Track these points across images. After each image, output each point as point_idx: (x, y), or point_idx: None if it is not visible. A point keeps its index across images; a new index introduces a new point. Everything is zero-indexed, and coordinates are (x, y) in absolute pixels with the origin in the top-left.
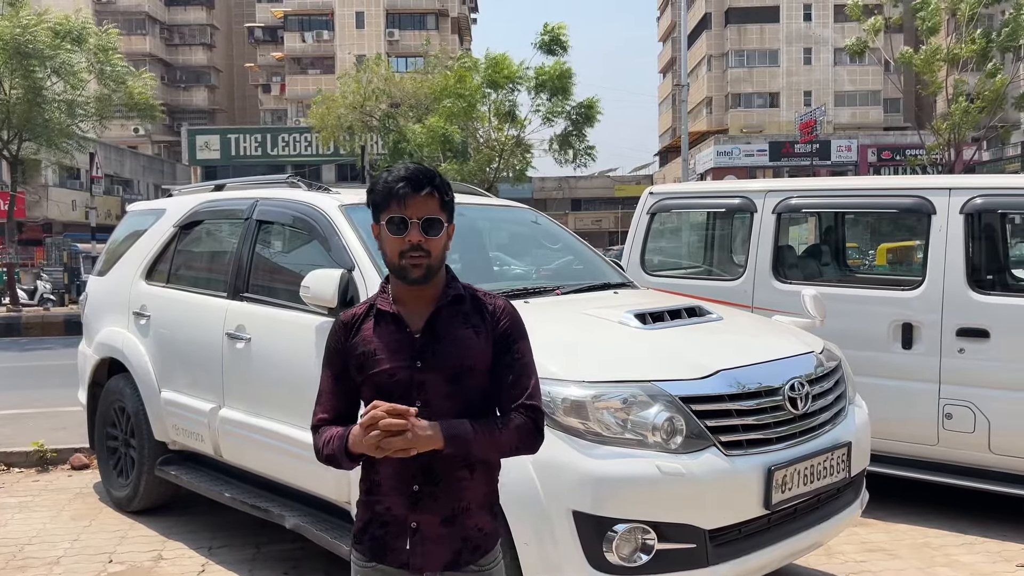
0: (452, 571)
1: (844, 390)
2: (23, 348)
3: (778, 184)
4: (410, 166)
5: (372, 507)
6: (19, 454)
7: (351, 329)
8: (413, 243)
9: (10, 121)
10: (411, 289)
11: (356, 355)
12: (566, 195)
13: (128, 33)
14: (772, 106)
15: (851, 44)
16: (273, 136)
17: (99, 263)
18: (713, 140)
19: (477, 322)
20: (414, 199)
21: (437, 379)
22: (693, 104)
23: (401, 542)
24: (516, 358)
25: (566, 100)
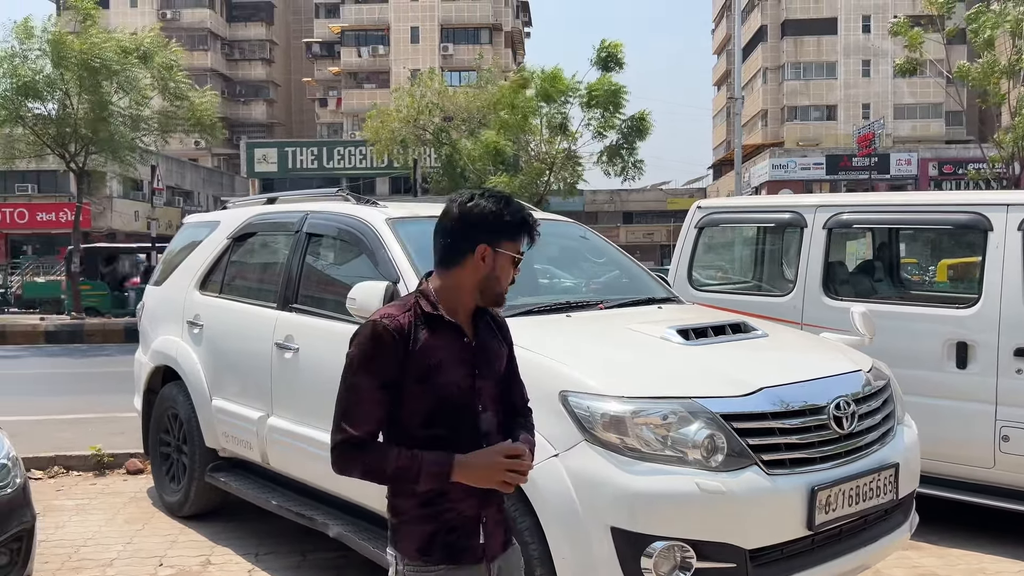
0: (504, 551)
1: (892, 409)
2: (84, 354)
3: (829, 199)
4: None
5: (438, 517)
6: (78, 458)
7: (407, 339)
8: (515, 276)
9: (78, 134)
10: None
11: (421, 366)
12: (618, 208)
13: (191, 48)
14: (829, 119)
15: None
16: (328, 149)
17: (156, 273)
18: (768, 153)
19: (497, 334)
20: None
21: (489, 386)
22: (748, 117)
23: (475, 540)
24: (516, 364)
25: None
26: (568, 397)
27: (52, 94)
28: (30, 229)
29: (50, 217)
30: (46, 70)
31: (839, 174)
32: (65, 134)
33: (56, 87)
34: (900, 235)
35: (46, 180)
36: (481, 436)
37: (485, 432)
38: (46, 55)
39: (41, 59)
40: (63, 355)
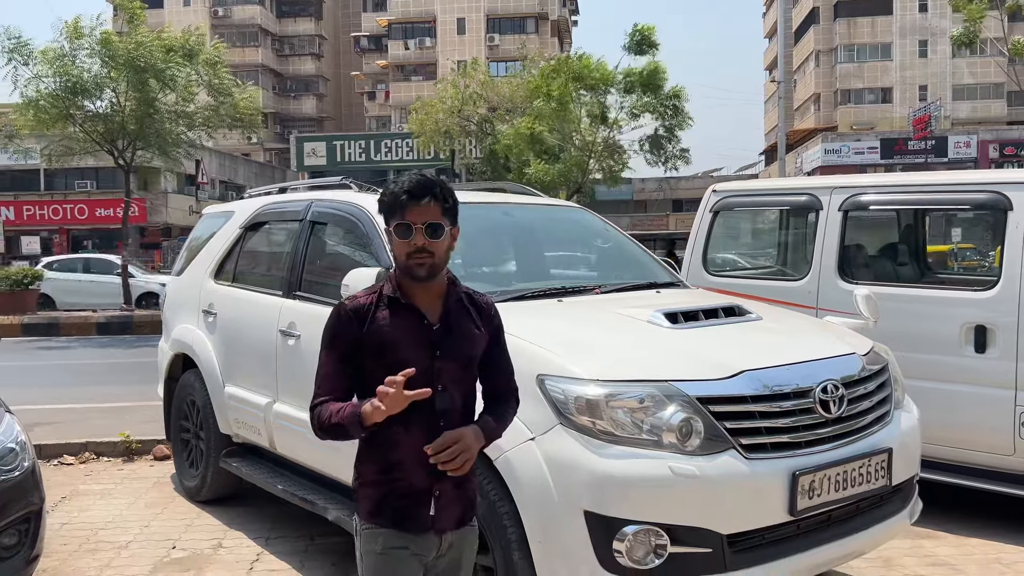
0: (460, 528)
1: (889, 394)
2: (131, 345)
3: (845, 180)
4: (414, 177)
5: (391, 484)
6: (108, 444)
7: (364, 318)
8: (418, 246)
9: (125, 131)
10: (420, 284)
11: (374, 343)
12: (667, 196)
13: (242, 45)
14: (884, 102)
15: (957, 34)
16: (376, 142)
17: (178, 263)
18: (821, 138)
19: (475, 317)
20: (416, 207)
21: (452, 367)
22: (800, 101)
23: (424, 510)
24: (503, 348)
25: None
26: (545, 381)
27: (100, 93)
28: (90, 224)
29: (108, 212)
30: (94, 69)
31: (894, 158)
32: (113, 131)
33: (104, 86)
34: (927, 217)
35: (104, 176)
36: (438, 415)
37: (442, 410)
38: (95, 54)
39: (90, 58)
40: (112, 345)
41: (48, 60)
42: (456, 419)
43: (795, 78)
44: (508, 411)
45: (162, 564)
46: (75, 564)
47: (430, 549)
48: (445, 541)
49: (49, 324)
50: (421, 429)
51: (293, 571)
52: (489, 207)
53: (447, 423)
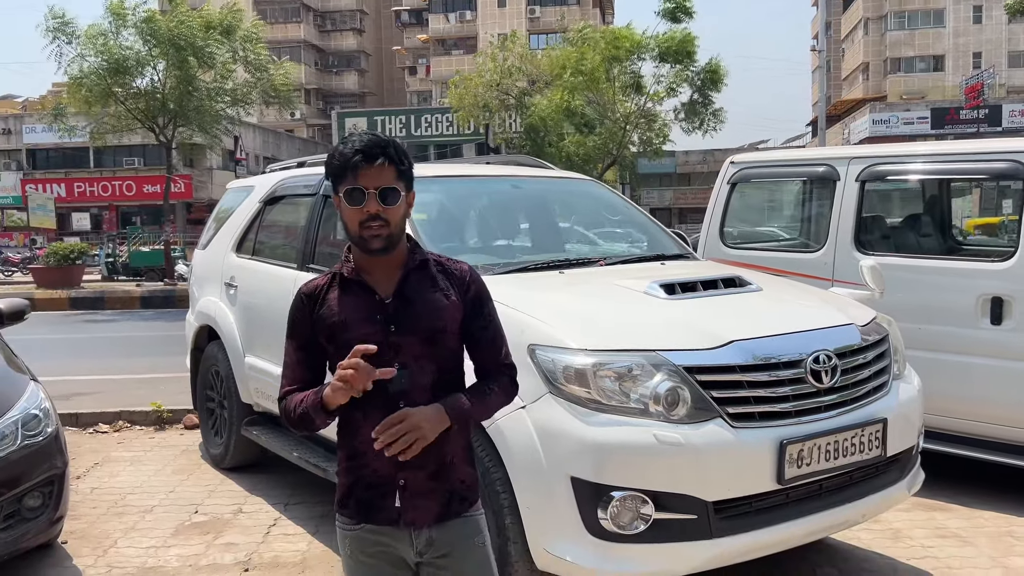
0: (443, 523)
1: (887, 364)
2: (174, 318)
3: (862, 150)
4: (364, 137)
5: (356, 472)
6: (141, 413)
7: (316, 300)
8: (371, 213)
9: (165, 108)
10: (375, 259)
11: (326, 325)
12: (711, 169)
13: (284, 21)
14: (936, 70)
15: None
16: (416, 117)
17: (203, 237)
18: (869, 108)
19: (445, 286)
20: (369, 169)
21: (412, 342)
22: (848, 70)
23: (390, 500)
24: (489, 320)
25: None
26: (536, 350)
27: (141, 71)
28: (138, 201)
29: (155, 189)
30: (136, 47)
31: (946, 128)
32: (153, 108)
33: (145, 64)
34: (947, 187)
35: (151, 153)
36: (396, 397)
37: (399, 391)
38: (138, 33)
39: (132, 37)
40: (154, 319)
41: (90, 39)
42: (422, 400)
43: (843, 47)
44: (493, 388)
45: (183, 527)
46: (102, 527)
47: (404, 543)
48: (420, 537)
49: (95, 298)
50: (379, 413)
51: (307, 535)
52: (495, 180)
53: (408, 404)
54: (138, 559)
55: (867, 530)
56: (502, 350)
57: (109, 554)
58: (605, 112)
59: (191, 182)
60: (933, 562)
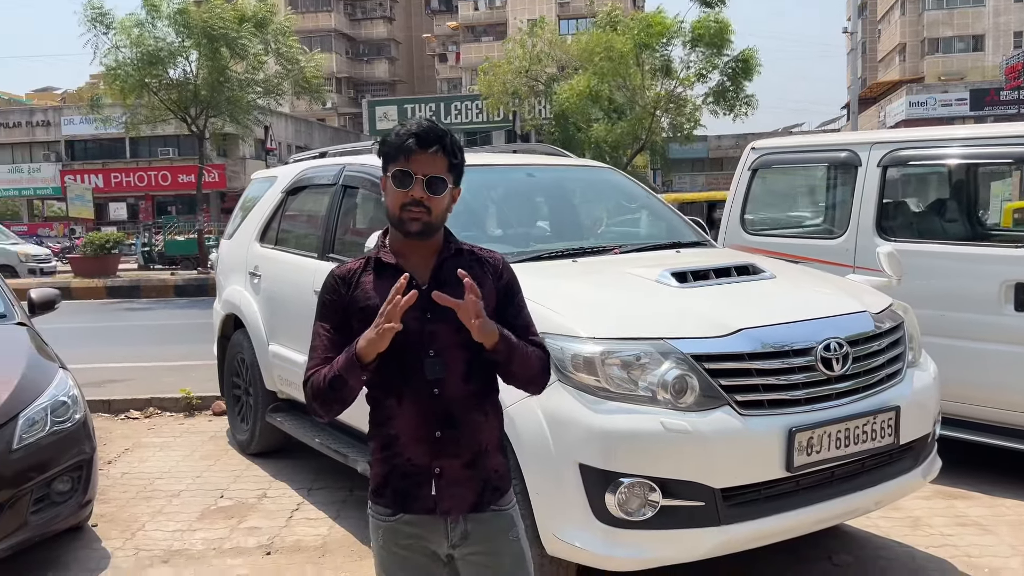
0: (476, 513)
1: (901, 352)
2: (207, 306)
3: (884, 135)
4: (423, 122)
5: (390, 461)
6: (171, 400)
7: (349, 283)
8: (415, 198)
9: (198, 99)
10: (411, 243)
11: (358, 308)
12: None
13: (315, 10)
14: (975, 50)
15: None
16: (446, 104)
17: (229, 227)
18: (905, 90)
19: (479, 274)
20: (421, 155)
21: (447, 329)
22: (884, 52)
23: (426, 489)
24: (520, 308)
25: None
26: (544, 338)
27: (174, 62)
28: (173, 191)
29: (189, 179)
30: (169, 38)
31: (985, 109)
32: (186, 99)
33: (178, 54)
34: (977, 172)
35: (185, 144)
36: (431, 383)
37: (435, 379)
38: (172, 24)
39: (165, 28)
40: (188, 307)
41: (126, 29)
42: (455, 390)
43: (879, 27)
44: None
45: (209, 511)
46: (131, 510)
47: (439, 535)
48: (456, 529)
49: (131, 287)
50: (413, 400)
51: (329, 520)
52: (511, 168)
53: (443, 392)
54: (164, 542)
55: (886, 518)
56: (534, 339)
57: (137, 537)
58: (634, 98)
59: (224, 172)
60: (952, 550)
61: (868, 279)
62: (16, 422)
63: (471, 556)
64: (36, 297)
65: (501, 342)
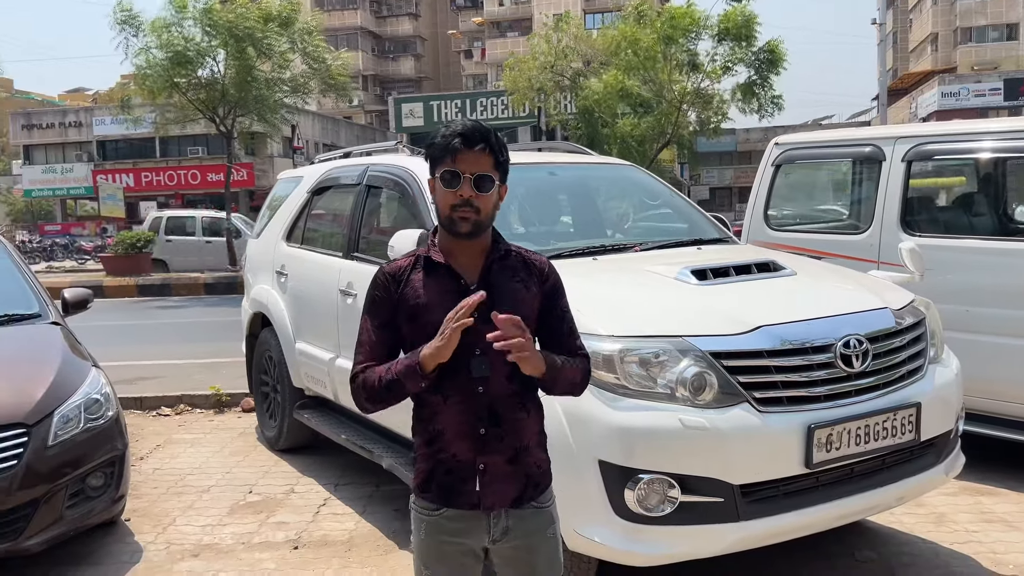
0: (517, 508)
1: (923, 348)
2: (236, 304)
3: (909, 129)
4: (468, 123)
5: (435, 456)
6: (201, 397)
7: (399, 281)
8: (464, 197)
9: (225, 99)
10: (460, 243)
11: (408, 306)
12: None
13: (341, 8)
14: (1010, 39)
15: None
16: (472, 101)
17: (256, 226)
18: (938, 80)
19: (525, 277)
20: (467, 154)
21: (493, 330)
22: (916, 42)
23: (470, 485)
24: (564, 311)
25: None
26: None
27: (202, 62)
28: (202, 189)
29: (218, 177)
30: (196, 39)
31: (1019, 99)
32: (214, 98)
33: (206, 55)
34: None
35: (214, 143)
36: (476, 382)
37: (480, 377)
38: (198, 24)
39: (193, 28)
40: (217, 304)
41: (155, 30)
42: (499, 388)
43: (911, 17)
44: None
45: (238, 507)
46: (162, 506)
47: (480, 530)
48: (498, 523)
49: (162, 285)
50: (458, 398)
51: (355, 515)
52: (533, 167)
53: (488, 391)
54: (195, 536)
55: (910, 514)
56: (576, 341)
57: (168, 531)
58: (661, 92)
59: (253, 170)
60: (976, 547)
61: (890, 275)
62: (51, 419)
63: (507, 549)
64: (70, 297)
65: (548, 371)
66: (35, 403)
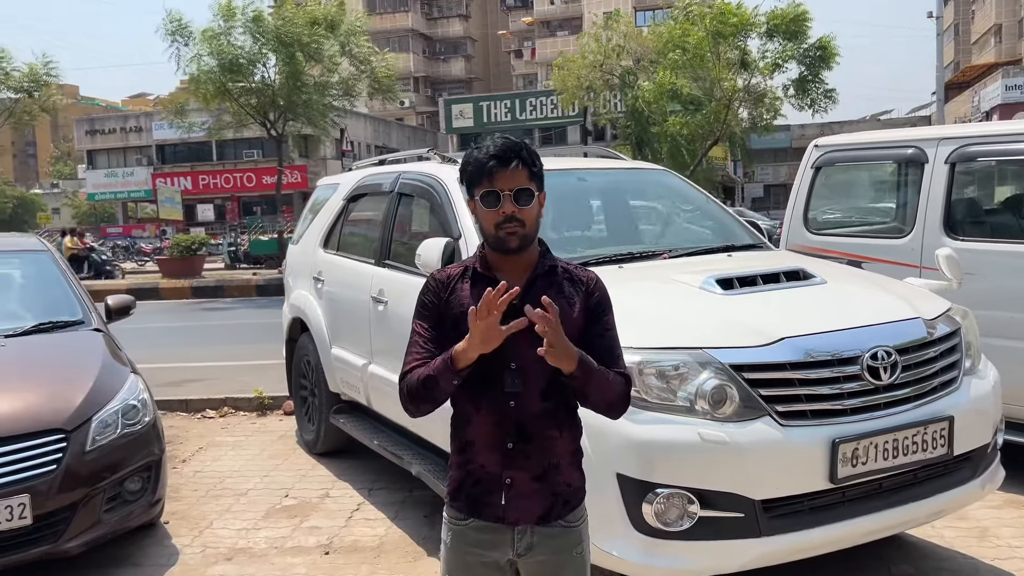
0: (543, 525)
1: (957, 359)
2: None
3: (953, 131)
4: (498, 141)
5: (465, 466)
6: (244, 399)
7: (447, 287)
8: (507, 214)
9: (275, 103)
10: (506, 258)
11: (452, 314)
12: None
13: (393, 11)
14: None
15: None
16: (521, 101)
17: (296, 232)
18: (1001, 73)
19: (570, 292)
20: (503, 173)
21: (530, 345)
22: (978, 34)
23: (496, 497)
24: (607, 328)
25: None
26: None
27: (252, 68)
28: (258, 192)
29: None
30: (247, 46)
31: None
32: (264, 104)
33: (256, 61)
34: None
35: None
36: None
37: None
38: (248, 32)
39: (243, 36)
40: (268, 306)
41: (206, 39)
42: (531, 404)
43: (973, 8)
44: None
45: (273, 510)
46: (200, 508)
47: (504, 543)
48: (522, 538)
49: (215, 286)
50: (490, 410)
51: (387, 521)
52: (561, 173)
53: (519, 404)
54: (230, 540)
55: (951, 527)
56: (617, 359)
57: (204, 534)
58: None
59: (306, 172)
60: (1020, 563)
61: (927, 282)
62: (90, 425)
63: (534, 564)
64: (113, 304)
65: (579, 368)
66: (74, 409)
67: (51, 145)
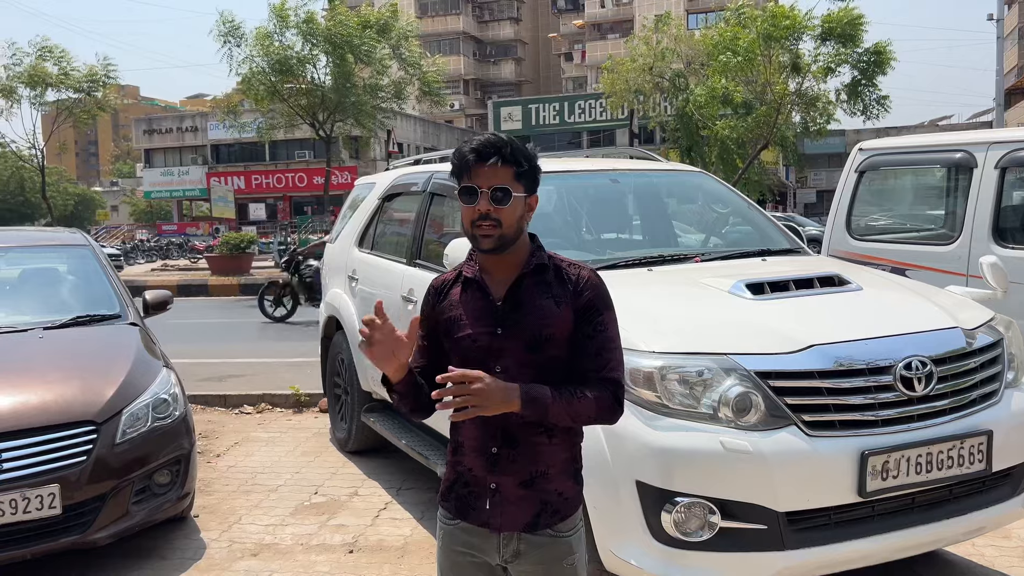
0: (530, 533)
1: (999, 371)
2: None
3: (1004, 135)
4: (484, 136)
5: (456, 468)
6: (281, 396)
7: (440, 293)
8: (482, 212)
9: (325, 105)
10: (493, 257)
11: (444, 319)
12: None
13: (444, 14)
14: None
15: None
16: (570, 104)
17: (333, 231)
18: None
19: (559, 292)
20: (481, 168)
21: (516, 346)
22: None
23: (482, 502)
24: (598, 330)
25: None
26: None
27: (303, 70)
28: (309, 192)
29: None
30: (297, 47)
31: None
32: (314, 105)
33: (307, 62)
34: None
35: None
36: None
37: None
38: (300, 34)
39: (294, 38)
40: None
41: (259, 40)
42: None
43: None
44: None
45: (301, 507)
46: (231, 503)
47: (491, 548)
48: (508, 545)
49: (262, 284)
50: None
51: (413, 521)
52: (592, 175)
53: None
54: (256, 535)
55: (993, 545)
56: (606, 363)
57: (232, 529)
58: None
59: (356, 173)
60: None
61: (969, 291)
62: (120, 417)
63: (523, 572)
64: (150, 299)
65: (526, 408)
66: (105, 402)
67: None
